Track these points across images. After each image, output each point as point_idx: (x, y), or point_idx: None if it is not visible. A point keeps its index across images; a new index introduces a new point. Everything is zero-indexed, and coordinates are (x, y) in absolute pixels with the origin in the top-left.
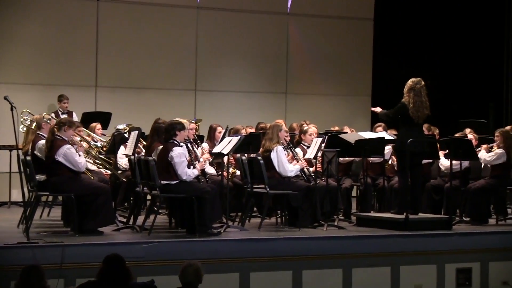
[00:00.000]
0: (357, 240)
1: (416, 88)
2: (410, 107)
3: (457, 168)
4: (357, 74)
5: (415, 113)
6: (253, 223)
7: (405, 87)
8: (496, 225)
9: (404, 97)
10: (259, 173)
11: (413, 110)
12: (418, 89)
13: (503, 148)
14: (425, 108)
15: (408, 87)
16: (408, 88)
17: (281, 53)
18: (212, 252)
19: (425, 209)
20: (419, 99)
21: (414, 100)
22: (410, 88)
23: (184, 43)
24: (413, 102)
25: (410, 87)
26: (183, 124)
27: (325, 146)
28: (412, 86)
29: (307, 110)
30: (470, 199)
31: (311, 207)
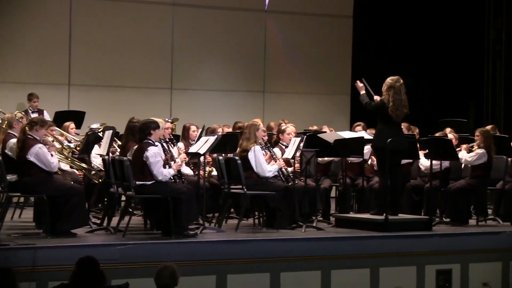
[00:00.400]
0: (336, 242)
1: (396, 86)
2: (390, 106)
3: (437, 168)
4: (336, 73)
5: (394, 111)
6: (230, 224)
7: (384, 86)
8: (477, 226)
9: (383, 95)
10: (236, 174)
11: (392, 108)
12: (398, 87)
13: (483, 148)
14: (404, 106)
15: (387, 85)
16: (388, 86)
17: (259, 51)
18: (188, 254)
19: (405, 209)
20: (398, 97)
21: (394, 98)
22: (389, 86)
23: (160, 40)
24: (393, 100)
25: (389, 85)
26: (158, 123)
27: (304, 146)
28: (392, 84)
29: (285, 109)
30: (450, 200)
31: (289, 208)
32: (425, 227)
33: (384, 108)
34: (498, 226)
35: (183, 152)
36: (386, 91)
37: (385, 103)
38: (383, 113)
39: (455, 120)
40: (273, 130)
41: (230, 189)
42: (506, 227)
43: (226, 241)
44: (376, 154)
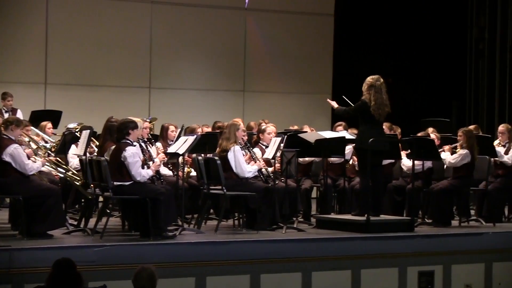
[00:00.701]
0: (317, 243)
1: (377, 85)
2: (372, 105)
3: (420, 169)
4: (317, 72)
5: (376, 110)
6: (210, 225)
7: (365, 85)
8: (459, 227)
9: (364, 94)
10: (215, 174)
11: (374, 107)
12: (379, 86)
13: (466, 148)
14: (386, 105)
15: (368, 84)
16: (368, 86)
17: (239, 49)
18: (166, 255)
19: (387, 210)
20: (380, 96)
21: (376, 97)
22: (370, 85)
23: (138, 39)
24: (375, 99)
25: (370, 84)
26: (136, 123)
27: (284, 146)
28: (372, 83)
29: (266, 109)
30: (432, 201)
31: (270, 208)
32: (407, 228)
33: (366, 108)
34: (480, 227)
35: (162, 152)
36: (367, 91)
37: (366, 102)
38: (365, 113)
39: (437, 120)
40: (253, 130)
41: (210, 190)
42: (489, 228)
43: (205, 243)
44: (357, 154)
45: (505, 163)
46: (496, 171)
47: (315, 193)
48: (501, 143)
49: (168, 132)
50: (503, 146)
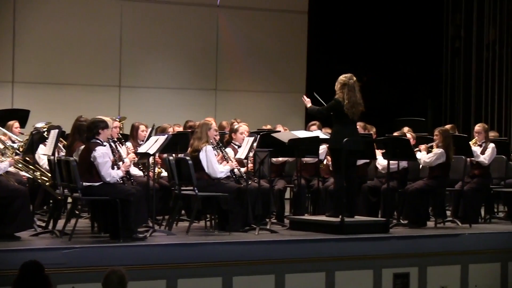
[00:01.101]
0: (290, 245)
1: (350, 84)
2: (345, 104)
3: (395, 169)
4: (291, 70)
5: (350, 109)
6: (181, 227)
7: (337, 84)
8: (435, 228)
9: (337, 93)
10: (187, 174)
11: (348, 106)
12: (352, 84)
13: (442, 148)
14: (360, 104)
15: (341, 83)
16: (341, 84)
17: (211, 47)
18: (137, 258)
19: (361, 211)
20: (353, 94)
21: (349, 96)
22: (343, 84)
23: (108, 36)
24: (348, 98)
25: (343, 82)
26: (106, 122)
27: (257, 145)
28: (345, 81)
29: (238, 108)
30: (408, 201)
31: (242, 210)
32: (382, 229)
33: (339, 107)
34: (456, 228)
35: (132, 152)
36: (340, 90)
37: (340, 101)
38: (338, 113)
39: (413, 119)
40: (226, 129)
41: (181, 191)
42: (465, 229)
43: (176, 245)
44: (331, 154)
45: (481, 163)
46: (472, 171)
47: (289, 194)
48: (477, 143)
49: (138, 132)
50: (480, 146)
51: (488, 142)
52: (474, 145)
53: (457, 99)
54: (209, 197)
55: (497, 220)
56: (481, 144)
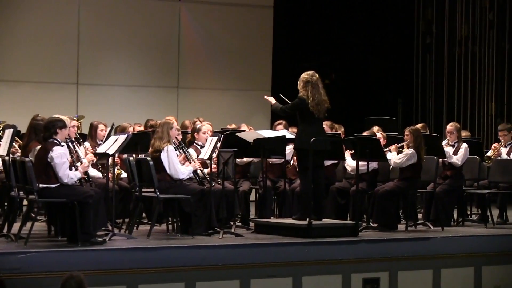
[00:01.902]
0: (255, 249)
1: (313, 81)
2: (310, 101)
3: (364, 170)
4: (256, 67)
5: (315, 107)
6: (142, 230)
7: (300, 82)
8: (406, 231)
9: (301, 92)
10: (148, 175)
11: (313, 104)
12: (315, 81)
13: (413, 148)
14: (325, 101)
15: (304, 80)
16: (304, 82)
17: (173, 43)
18: (96, 262)
19: (330, 214)
20: (317, 92)
21: (313, 93)
22: (306, 81)
23: (65, 31)
24: (312, 95)
25: (306, 80)
26: (64, 121)
27: (221, 145)
28: (308, 79)
29: (201, 106)
30: (378, 203)
31: (206, 212)
32: (351, 232)
33: (304, 105)
34: (428, 232)
35: (90, 153)
36: (303, 88)
37: (304, 99)
38: (303, 111)
39: (382, 118)
40: (188, 128)
41: (142, 193)
42: (437, 232)
43: (137, 249)
44: (297, 155)
45: (454, 164)
46: (444, 172)
47: (254, 196)
48: (449, 143)
49: (97, 131)
50: (452, 146)
51: (460, 142)
52: (446, 145)
53: (428, 97)
54: (171, 199)
55: (470, 223)
56: (454, 144)
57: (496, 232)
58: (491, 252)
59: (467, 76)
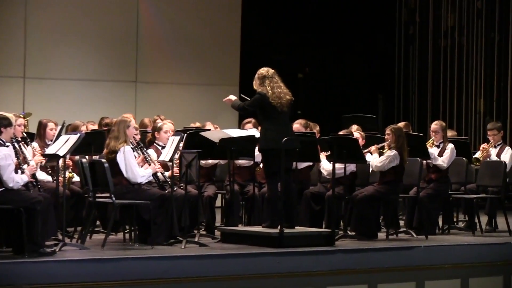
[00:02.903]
0: (222, 260)
1: (269, 75)
2: (270, 95)
3: (341, 173)
4: (223, 60)
5: (277, 100)
6: (96, 240)
7: (256, 80)
8: (386, 240)
9: (259, 89)
10: (102, 179)
11: (274, 97)
12: (271, 75)
13: (395, 149)
14: (286, 93)
15: (260, 76)
16: (261, 78)
17: (130, 34)
18: (45, 275)
19: (303, 221)
20: (276, 84)
21: (272, 86)
22: (262, 77)
23: (11, 21)
24: (271, 88)
25: (262, 76)
26: (9, 119)
27: (184, 146)
28: (264, 74)
29: (162, 103)
30: (356, 210)
31: (166, 220)
32: (327, 241)
33: (264, 100)
34: (411, 241)
35: (39, 154)
36: (260, 84)
37: (264, 94)
38: (265, 107)
39: (361, 116)
40: (147, 127)
41: (96, 198)
42: (421, 241)
43: (90, 260)
44: (262, 156)
45: (439, 166)
46: (429, 175)
47: (220, 201)
48: (434, 143)
49: (46, 130)
50: (437, 146)
51: (446, 143)
52: (431, 146)
53: (411, 93)
54: (128, 205)
55: (456, 230)
56: (439, 144)
57: (484, 240)
58: (479, 262)
59: (453, 70)
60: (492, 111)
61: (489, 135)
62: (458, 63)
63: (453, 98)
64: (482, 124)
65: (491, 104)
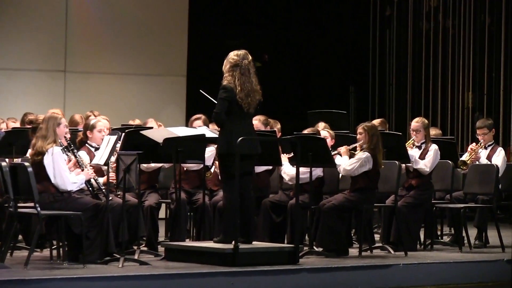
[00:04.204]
0: (166, 281)
1: (243, 65)
2: (238, 92)
3: (306, 178)
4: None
5: (245, 99)
6: (18, 257)
7: (226, 63)
8: (359, 257)
9: (225, 77)
10: (26, 186)
11: (242, 95)
12: (245, 66)
13: (368, 150)
14: (256, 92)
15: (231, 63)
16: (232, 65)
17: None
18: None
19: (262, 235)
20: (248, 79)
21: (242, 81)
22: (234, 64)
23: None
24: (241, 84)
25: (234, 63)
26: None
27: (121, 147)
28: (237, 61)
29: (96, 96)
30: (323, 221)
31: (101, 234)
32: (290, 259)
33: (231, 96)
34: (388, 258)
35: None
36: (230, 72)
37: (231, 89)
38: (231, 104)
39: (330, 112)
40: (79, 125)
41: (17, 208)
42: (399, 258)
43: (11, 281)
44: (220, 161)
45: (420, 171)
46: (408, 181)
47: (164, 212)
48: (415, 144)
49: None
50: (418, 147)
51: (429, 143)
52: (411, 147)
53: (388, 85)
54: (56, 216)
55: (441, 246)
56: (420, 145)
57: (473, 258)
58: (467, 283)
59: (437, 58)
60: (482, 106)
61: (478, 134)
62: (442, 50)
63: (436, 91)
64: (470, 121)
65: (481, 98)
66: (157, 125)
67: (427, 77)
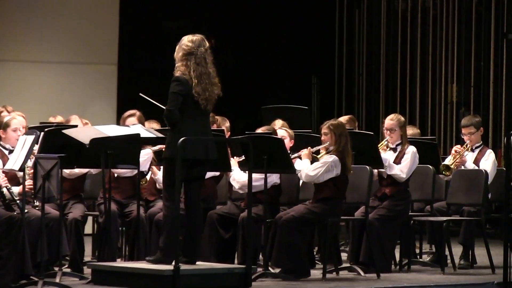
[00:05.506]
0: None
1: (199, 53)
2: (194, 84)
3: (260, 186)
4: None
5: (202, 93)
6: None
7: (179, 50)
8: (323, 280)
9: (178, 67)
10: None
11: (198, 89)
12: (202, 54)
13: (334, 153)
14: (215, 85)
15: (185, 50)
16: (185, 53)
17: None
18: None
19: (208, 254)
20: (204, 70)
21: (198, 72)
22: (188, 52)
23: None
24: (197, 76)
25: (188, 50)
26: None
27: (40, 149)
28: (192, 49)
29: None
30: (280, 237)
31: (15, 252)
32: (241, 282)
33: (186, 90)
34: (357, 281)
35: None
36: (182, 60)
37: (185, 81)
38: (184, 99)
39: (288, 107)
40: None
41: None
42: (370, 281)
43: None
44: (166, 166)
45: (396, 177)
46: (381, 189)
47: (91, 227)
48: (389, 146)
49: None
50: (393, 150)
51: (406, 145)
52: (385, 149)
53: (357, 75)
54: None
55: (420, 266)
56: (396, 147)
57: (458, 280)
58: None
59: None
60: (469, 101)
61: (464, 134)
62: (421, 35)
63: (415, 83)
64: (455, 118)
65: (467, 91)
66: (82, 123)
67: (403, 66)
